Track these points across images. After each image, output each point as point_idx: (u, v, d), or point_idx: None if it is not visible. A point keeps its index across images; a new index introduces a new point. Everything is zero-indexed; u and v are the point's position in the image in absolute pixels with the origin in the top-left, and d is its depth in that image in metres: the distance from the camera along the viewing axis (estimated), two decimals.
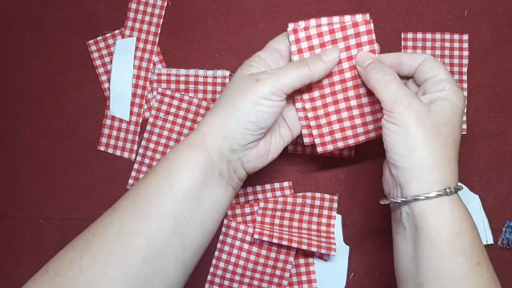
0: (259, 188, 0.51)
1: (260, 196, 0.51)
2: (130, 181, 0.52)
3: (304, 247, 0.47)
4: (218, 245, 0.50)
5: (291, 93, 0.39)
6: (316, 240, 0.48)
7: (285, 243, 0.47)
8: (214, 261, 0.50)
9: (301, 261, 0.50)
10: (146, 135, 0.52)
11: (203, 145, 0.38)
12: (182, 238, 0.36)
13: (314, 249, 0.47)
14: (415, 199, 0.36)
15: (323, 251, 0.47)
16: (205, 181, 0.37)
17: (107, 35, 0.53)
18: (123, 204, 0.37)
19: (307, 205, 0.50)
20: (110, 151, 0.52)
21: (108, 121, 0.53)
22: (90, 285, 0.33)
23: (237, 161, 0.39)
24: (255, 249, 0.49)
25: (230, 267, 0.49)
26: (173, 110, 0.52)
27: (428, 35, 0.51)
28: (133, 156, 0.52)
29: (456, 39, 0.51)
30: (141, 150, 0.52)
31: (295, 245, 0.47)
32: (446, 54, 0.51)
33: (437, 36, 0.51)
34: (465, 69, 0.51)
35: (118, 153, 0.52)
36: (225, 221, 0.50)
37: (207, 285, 0.50)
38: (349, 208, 0.51)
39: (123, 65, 0.53)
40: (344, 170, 0.51)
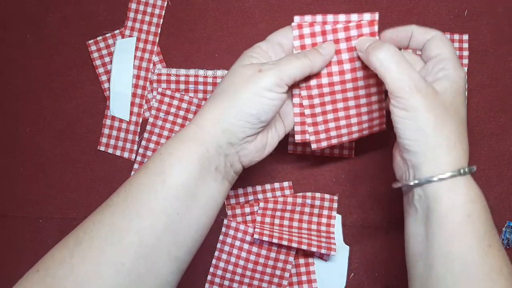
0: (259, 188, 0.51)
1: (260, 196, 0.51)
2: None
3: (304, 247, 0.47)
4: (218, 245, 0.50)
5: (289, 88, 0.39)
6: (316, 240, 0.48)
7: (285, 243, 0.47)
8: (214, 261, 0.50)
9: (301, 261, 0.50)
10: (146, 135, 0.52)
11: (201, 139, 0.36)
12: (176, 235, 0.35)
13: (314, 249, 0.47)
14: (429, 180, 0.35)
15: (323, 251, 0.47)
16: (200, 177, 0.36)
17: (107, 35, 0.53)
18: (114, 200, 0.36)
19: (307, 205, 0.50)
20: (110, 151, 0.52)
21: (108, 121, 0.53)
22: (81, 284, 0.32)
23: (234, 155, 0.38)
24: (255, 249, 0.49)
25: (230, 267, 0.49)
26: (173, 110, 0.52)
27: None
28: (133, 156, 0.52)
29: (456, 39, 0.51)
30: (141, 150, 0.52)
31: (295, 245, 0.47)
32: None
33: None
34: (465, 69, 0.51)
35: (118, 153, 0.52)
36: (225, 221, 0.50)
37: (207, 285, 0.50)
38: (349, 208, 0.51)
39: (123, 65, 0.53)
40: (344, 170, 0.51)
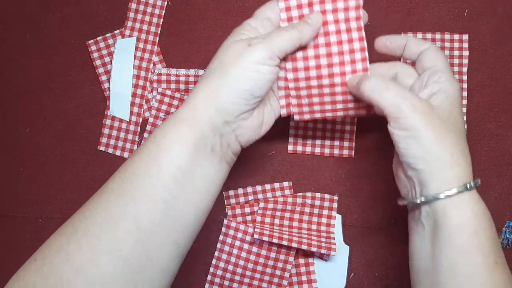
0: (259, 188, 0.51)
1: (260, 196, 0.51)
2: None
3: (304, 247, 0.47)
4: (218, 245, 0.50)
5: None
6: (316, 240, 0.48)
7: (285, 243, 0.47)
8: (214, 261, 0.50)
9: (301, 261, 0.50)
10: (146, 135, 0.52)
11: (194, 120, 0.36)
12: (174, 219, 0.34)
13: (314, 249, 0.47)
14: (436, 198, 0.35)
15: (323, 251, 0.47)
16: (196, 159, 0.35)
17: (107, 35, 0.53)
18: (109, 187, 0.35)
19: (307, 205, 0.50)
20: (110, 151, 0.52)
21: (108, 121, 0.53)
22: (77, 271, 0.32)
23: (230, 134, 0.38)
24: (255, 249, 0.49)
25: (230, 267, 0.49)
26: (173, 110, 0.52)
27: (428, 35, 0.51)
28: None
29: (456, 39, 0.51)
30: None
31: (295, 245, 0.47)
32: (446, 54, 0.51)
33: (437, 36, 0.51)
34: (465, 69, 0.51)
35: (118, 153, 0.52)
36: (225, 221, 0.50)
37: (207, 285, 0.50)
38: (349, 208, 0.51)
39: (123, 65, 0.53)
40: (344, 170, 0.51)
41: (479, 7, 0.52)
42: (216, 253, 0.50)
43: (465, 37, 0.51)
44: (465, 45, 0.51)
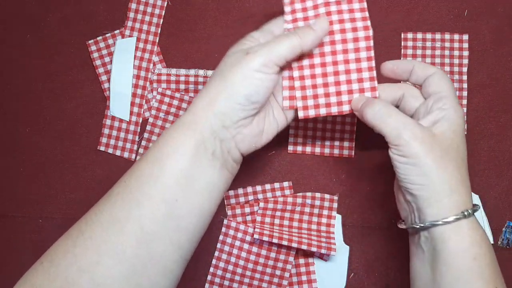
0: (259, 188, 0.51)
1: (260, 196, 0.51)
2: None
3: (304, 247, 0.47)
4: (218, 245, 0.50)
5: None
6: (316, 240, 0.48)
7: (285, 243, 0.47)
8: (214, 261, 0.50)
9: (301, 261, 0.50)
10: (146, 135, 0.52)
11: (195, 125, 0.36)
12: (177, 221, 0.35)
13: (314, 249, 0.47)
14: (434, 224, 0.36)
15: (323, 251, 0.47)
16: (196, 162, 0.36)
17: (107, 35, 0.53)
18: (115, 191, 0.36)
19: (307, 205, 0.50)
20: (110, 151, 0.52)
21: (108, 121, 0.53)
22: (83, 273, 0.33)
23: (230, 140, 0.38)
24: (255, 249, 0.49)
25: (230, 267, 0.49)
26: (173, 110, 0.52)
27: (428, 35, 0.51)
28: (133, 156, 0.52)
29: (456, 39, 0.51)
30: (141, 150, 0.52)
31: (295, 245, 0.47)
32: (446, 54, 0.51)
33: (437, 36, 0.51)
34: (465, 69, 0.51)
35: (118, 153, 0.52)
36: (225, 221, 0.50)
37: (207, 285, 0.50)
38: (349, 208, 0.51)
39: (123, 65, 0.53)
40: (344, 170, 0.51)
41: (479, 7, 0.52)
42: (216, 253, 0.50)
43: (465, 37, 0.51)
44: (465, 45, 0.51)
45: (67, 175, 0.52)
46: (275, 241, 0.47)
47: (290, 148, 0.51)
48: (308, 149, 0.51)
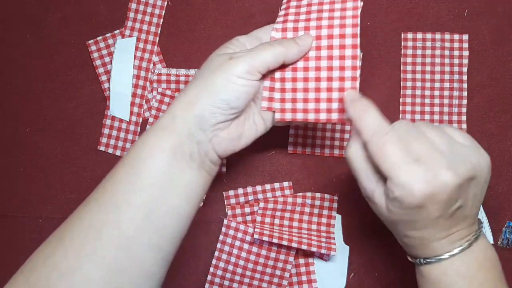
0: (259, 188, 0.51)
1: (260, 196, 0.51)
2: None
3: (304, 247, 0.47)
4: (218, 245, 0.50)
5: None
6: (316, 240, 0.48)
7: (285, 243, 0.47)
8: (214, 261, 0.50)
9: (301, 261, 0.50)
10: None
11: (173, 127, 0.36)
12: (156, 224, 0.35)
13: (314, 249, 0.47)
14: (439, 259, 0.35)
15: (323, 251, 0.47)
16: (174, 164, 0.36)
17: (107, 35, 0.53)
18: (93, 197, 0.36)
19: (307, 205, 0.50)
20: (110, 151, 0.52)
21: (108, 121, 0.53)
22: (63, 279, 0.32)
23: (207, 143, 0.37)
24: (255, 249, 0.49)
25: (230, 267, 0.49)
26: None
27: (428, 35, 0.51)
28: None
29: (456, 39, 0.51)
30: None
31: (295, 245, 0.47)
32: (446, 54, 0.51)
33: (437, 36, 0.51)
34: (465, 69, 0.51)
35: (118, 153, 0.52)
36: (225, 221, 0.50)
37: (207, 285, 0.50)
38: (349, 208, 0.51)
39: (123, 65, 0.53)
40: (344, 170, 0.51)
41: (479, 7, 0.52)
42: (216, 253, 0.50)
43: (465, 37, 0.51)
44: (465, 45, 0.51)
45: (67, 175, 0.52)
46: (275, 241, 0.47)
47: (290, 148, 0.51)
48: (308, 149, 0.51)
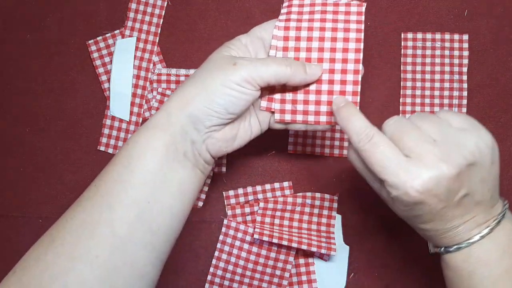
0: (259, 188, 0.51)
1: (260, 196, 0.51)
2: None
3: (304, 247, 0.47)
4: (218, 245, 0.50)
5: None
6: (316, 240, 0.48)
7: (285, 243, 0.47)
8: (214, 261, 0.50)
9: (301, 261, 0.50)
10: None
11: (167, 125, 0.36)
12: (149, 223, 0.35)
13: (314, 249, 0.47)
14: (458, 247, 0.34)
15: (323, 251, 0.47)
16: (168, 164, 0.35)
17: (107, 35, 0.53)
18: (85, 196, 0.36)
19: (307, 205, 0.50)
20: (110, 151, 0.52)
21: (108, 121, 0.53)
22: (56, 279, 0.32)
23: (200, 143, 0.37)
24: (255, 249, 0.49)
25: (230, 267, 0.49)
26: None
27: (428, 35, 0.51)
28: None
29: (456, 39, 0.51)
30: None
31: (295, 245, 0.47)
32: (446, 54, 0.51)
33: (437, 36, 0.51)
34: (465, 69, 0.51)
35: None
36: (225, 221, 0.50)
37: (207, 285, 0.50)
38: (349, 208, 0.51)
39: (123, 65, 0.53)
40: (344, 170, 0.51)
41: (479, 7, 0.52)
42: (216, 253, 0.50)
43: (465, 37, 0.51)
44: (465, 45, 0.51)
45: (67, 175, 0.52)
46: (275, 241, 0.47)
47: (290, 148, 0.51)
48: (308, 149, 0.51)
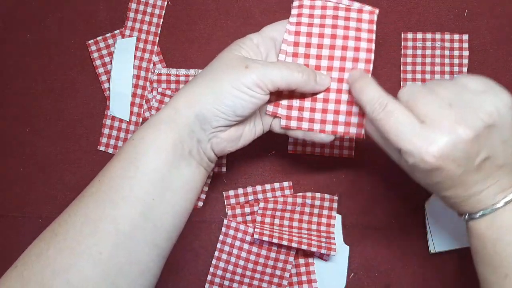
0: (259, 188, 0.51)
1: (260, 196, 0.51)
2: None
3: (304, 247, 0.47)
4: (218, 245, 0.50)
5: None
6: (316, 240, 0.48)
7: (285, 243, 0.47)
8: (214, 261, 0.50)
9: (301, 261, 0.50)
10: None
11: (174, 122, 0.36)
12: (153, 221, 0.35)
13: (314, 249, 0.47)
14: (482, 214, 0.33)
15: (323, 251, 0.47)
16: (174, 161, 0.35)
17: (107, 35, 0.53)
18: (88, 191, 0.35)
19: (307, 205, 0.50)
20: (110, 151, 0.52)
21: (108, 121, 0.53)
22: (58, 276, 0.32)
23: (206, 142, 0.37)
24: (255, 249, 0.49)
25: (230, 267, 0.49)
26: None
27: (428, 35, 0.51)
28: None
29: (456, 39, 0.51)
30: None
31: (295, 245, 0.47)
32: (446, 54, 0.51)
33: (437, 36, 0.51)
34: (465, 69, 0.51)
35: None
36: (225, 221, 0.50)
37: (207, 285, 0.50)
38: (349, 208, 0.51)
39: (123, 65, 0.53)
40: (344, 170, 0.51)
41: (479, 7, 0.52)
42: (216, 253, 0.50)
43: (465, 37, 0.51)
44: (465, 45, 0.51)
45: (67, 175, 0.52)
46: (275, 241, 0.47)
47: (290, 148, 0.51)
48: (308, 149, 0.51)
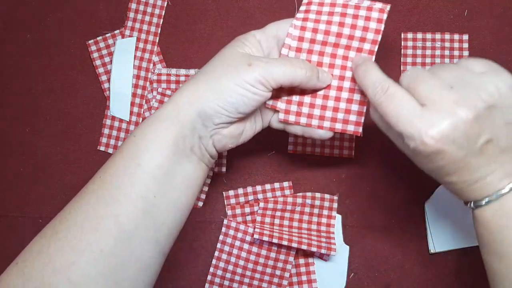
0: (259, 188, 0.51)
1: (260, 196, 0.51)
2: None
3: (304, 247, 0.47)
4: (218, 245, 0.50)
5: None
6: (316, 240, 0.48)
7: (285, 243, 0.47)
8: (214, 261, 0.50)
9: (301, 261, 0.50)
10: None
11: (176, 119, 0.36)
12: (154, 218, 0.35)
13: (314, 249, 0.47)
14: (488, 201, 0.33)
15: (323, 251, 0.47)
16: (175, 158, 0.35)
17: (107, 35, 0.53)
18: (89, 188, 0.35)
19: (307, 205, 0.50)
20: (110, 151, 0.52)
21: (108, 121, 0.53)
22: (59, 273, 0.32)
23: (207, 139, 0.38)
24: (255, 249, 0.49)
25: (230, 267, 0.49)
26: None
27: (428, 35, 0.51)
28: None
29: (456, 39, 0.51)
30: None
31: (295, 245, 0.47)
32: (446, 54, 0.51)
33: (437, 36, 0.51)
34: None
35: None
36: (225, 221, 0.50)
37: (207, 285, 0.50)
38: (349, 208, 0.51)
39: (123, 65, 0.53)
40: (344, 170, 0.51)
41: (479, 7, 0.52)
42: (216, 253, 0.50)
43: (465, 37, 0.51)
44: (465, 45, 0.51)
45: (67, 175, 0.52)
46: (275, 241, 0.47)
47: (290, 148, 0.51)
48: (308, 149, 0.51)
